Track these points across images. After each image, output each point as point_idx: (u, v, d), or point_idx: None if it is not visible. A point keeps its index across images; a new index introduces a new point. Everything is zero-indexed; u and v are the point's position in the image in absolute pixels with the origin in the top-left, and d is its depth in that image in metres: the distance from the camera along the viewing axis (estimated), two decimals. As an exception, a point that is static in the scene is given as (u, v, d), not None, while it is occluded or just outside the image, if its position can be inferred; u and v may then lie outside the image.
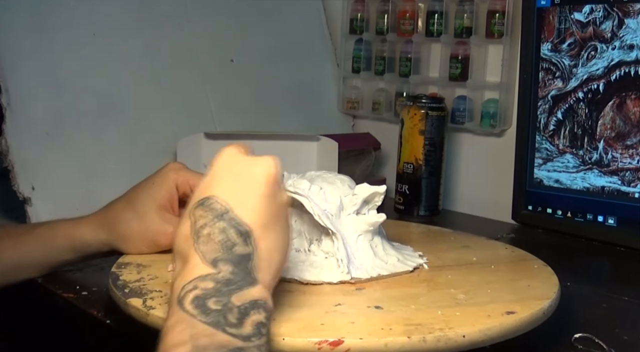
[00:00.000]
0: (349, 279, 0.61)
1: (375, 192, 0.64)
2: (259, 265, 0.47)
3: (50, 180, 0.91)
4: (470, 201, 1.14)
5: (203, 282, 0.44)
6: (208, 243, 0.46)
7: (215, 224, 0.47)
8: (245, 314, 0.43)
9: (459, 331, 0.51)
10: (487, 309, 0.56)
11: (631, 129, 0.94)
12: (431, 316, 0.54)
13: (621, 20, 0.93)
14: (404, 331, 0.50)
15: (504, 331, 0.53)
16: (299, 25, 1.27)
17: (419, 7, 1.17)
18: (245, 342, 0.42)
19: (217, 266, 0.45)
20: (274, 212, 0.49)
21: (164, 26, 1.08)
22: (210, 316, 0.42)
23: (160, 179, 0.68)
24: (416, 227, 0.87)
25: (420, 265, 0.67)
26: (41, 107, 0.93)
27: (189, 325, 0.42)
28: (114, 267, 0.65)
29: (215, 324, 0.42)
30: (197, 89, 1.11)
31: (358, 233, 0.63)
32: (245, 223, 0.47)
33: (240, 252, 0.46)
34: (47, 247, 0.70)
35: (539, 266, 0.69)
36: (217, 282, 0.45)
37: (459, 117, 1.13)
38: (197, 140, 1.03)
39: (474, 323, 0.53)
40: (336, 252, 0.61)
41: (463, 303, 0.57)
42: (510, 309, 0.55)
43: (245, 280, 0.45)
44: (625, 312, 0.73)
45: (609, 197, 0.96)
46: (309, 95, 1.27)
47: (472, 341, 0.51)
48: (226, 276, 0.45)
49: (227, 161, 0.51)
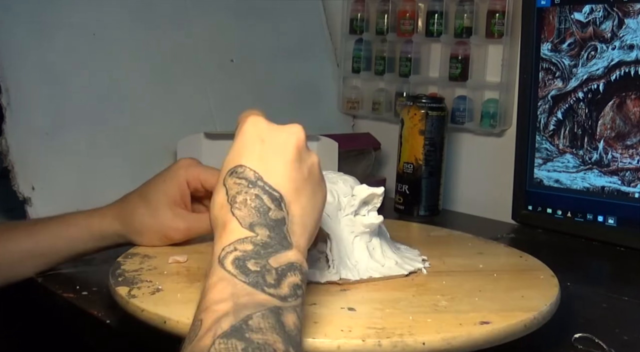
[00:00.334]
0: (336, 280, 0.61)
1: (374, 193, 0.64)
2: (293, 229, 0.49)
3: (50, 180, 0.91)
4: (470, 201, 1.14)
5: (242, 245, 0.46)
6: (244, 209, 0.48)
7: (249, 190, 0.49)
8: (282, 276, 0.45)
9: (419, 338, 0.50)
10: (461, 318, 0.54)
11: (631, 129, 0.94)
12: (399, 321, 0.53)
13: (621, 20, 0.93)
14: (362, 334, 0.50)
15: (472, 341, 0.51)
16: (299, 25, 1.27)
17: (419, 7, 1.17)
18: (283, 302, 0.43)
19: (254, 229, 0.47)
20: (304, 176, 0.51)
21: (164, 26, 1.08)
22: (250, 276, 0.44)
23: (171, 175, 0.71)
24: (438, 230, 0.85)
25: (418, 269, 0.66)
26: (41, 107, 0.93)
27: (230, 283, 0.43)
28: (121, 256, 0.67)
29: (254, 283, 0.44)
30: (197, 89, 1.11)
31: (355, 234, 0.63)
32: (277, 189, 0.49)
33: (274, 217, 0.48)
34: (61, 238, 0.71)
35: (545, 277, 0.66)
36: (255, 244, 0.46)
37: (459, 117, 1.13)
38: (197, 140, 1.03)
39: (440, 331, 0.51)
40: (328, 253, 0.61)
41: (441, 310, 0.56)
42: (487, 319, 0.54)
43: (282, 244, 0.47)
44: (625, 312, 0.73)
45: (609, 197, 0.96)
46: (309, 95, 1.27)
47: (432, 348, 0.50)
48: (263, 239, 0.47)
49: (253, 129, 0.52)
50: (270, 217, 0.48)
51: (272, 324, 0.41)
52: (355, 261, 0.62)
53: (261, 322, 0.41)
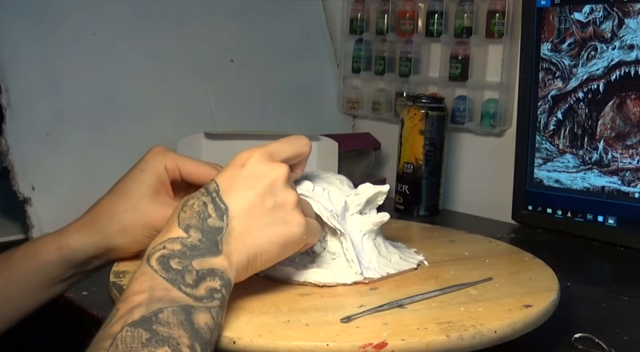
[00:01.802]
0: (362, 280, 0.61)
1: (379, 191, 0.64)
2: (229, 240, 0.50)
3: (50, 180, 0.91)
4: (470, 201, 1.15)
5: (172, 244, 0.49)
6: (188, 211, 0.51)
7: (200, 198, 0.52)
8: (201, 278, 0.48)
9: (490, 327, 0.52)
10: (505, 304, 0.57)
11: (631, 129, 0.94)
12: (456, 313, 0.54)
13: (621, 20, 0.93)
14: (440, 329, 0.51)
15: (527, 325, 0.54)
16: (299, 25, 1.27)
17: (419, 7, 1.17)
18: (197, 302, 0.46)
19: (188, 231, 0.50)
20: (265, 206, 0.52)
21: (164, 26, 1.08)
22: (170, 273, 0.47)
23: (148, 164, 0.64)
24: (395, 222, 0.85)
25: (421, 262, 0.67)
26: (41, 107, 0.93)
27: (150, 278, 0.47)
28: (112, 277, 0.61)
29: (172, 280, 0.47)
30: (197, 89, 1.11)
31: (363, 233, 0.63)
32: (225, 202, 0.52)
33: (212, 224, 0.50)
34: (35, 265, 0.62)
35: (529, 259, 0.70)
36: (184, 245, 0.49)
37: (459, 117, 1.13)
38: (197, 140, 1.03)
39: (501, 318, 0.53)
40: (346, 253, 0.61)
41: (479, 298, 0.58)
42: (525, 302, 0.57)
43: (210, 249, 0.49)
44: (625, 312, 0.73)
45: (609, 197, 0.96)
46: (309, 95, 1.27)
47: (502, 336, 0.52)
48: (194, 242, 0.49)
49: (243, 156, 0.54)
50: (207, 224, 0.50)
51: (181, 321, 0.44)
52: (368, 259, 0.63)
53: (170, 317, 0.44)
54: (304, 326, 0.51)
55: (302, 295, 0.58)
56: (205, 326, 0.45)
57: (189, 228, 0.50)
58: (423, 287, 0.61)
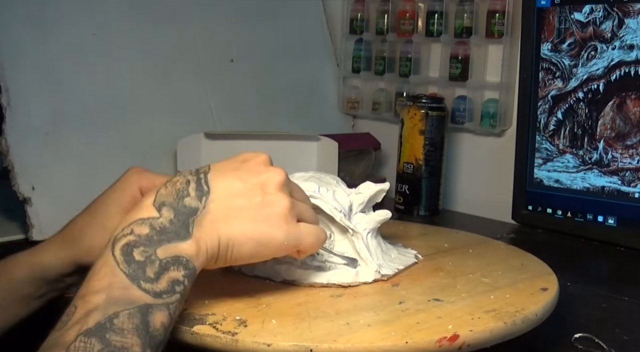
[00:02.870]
0: (380, 277, 0.61)
1: (381, 189, 0.65)
2: (201, 223, 0.49)
3: (50, 180, 0.91)
4: (470, 201, 1.14)
5: (139, 227, 0.47)
6: (169, 187, 0.50)
7: (186, 176, 0.51)
8: (164, 269, 0.46)
9: (530, 311, 0.54)
10: (522, 289, 0.60)
11: (631, 129, 0.94)
12: (492, 301, 0.56)
13: (621, 20, 0.93)
14: (491, 317, 0.53)
15: (551, 307, 0.58)
16: (299, 25, 1.27)
17: (419, 7, 1.17)
18: (155, 298, 0.45)
19: (161, 210, 0.48)
20: (250, 200, 0.51)
21: (164, 26, 1.08)
22: (132, 266, 0.45)
23: (122, 184, 0.63)
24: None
25: (415, 255, 0.68)
26: (41, 107, 0.93)
27: (111, 272, 0.45)
28: None
29: (132, 277, 0.45)
30: (197, 89, 1.11)
31: (367, 231, 0.64)
32: (209, 185, 0.50)
33: (188, 204, 0.49)
34: (8, 283, 0.61)
35: (505, 246, 0.75)
36: (152, 228, 0.47)
37: (459, 117, 1.13)
38: (197, 140, 1.03)
39: (535, 302, 0.56)
40: (359, 252, 0.62)
41: (496, 286, 0.60)
42: (540, 286, 0.60)
43: (179, 233, 0.48)
44: (625, 312, 0.73)
45: (609, 197, 0.96)
46: (309, 95, 1.27)
47: (541, 318, 0.55)
48: (164, 223, 0.48)
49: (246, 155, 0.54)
50: (183, 203, 0.49)
51: (136, 325, 0.43)
52: (376, 256, 0.63)
53: (125, 322, 0.43)
54: (366, 327, 0.51)
55: (334, 296, 0.57)
56: (161, 326, 0.45)
57: (163, 206, 0.48)
58: (438, 279, 0.62)
